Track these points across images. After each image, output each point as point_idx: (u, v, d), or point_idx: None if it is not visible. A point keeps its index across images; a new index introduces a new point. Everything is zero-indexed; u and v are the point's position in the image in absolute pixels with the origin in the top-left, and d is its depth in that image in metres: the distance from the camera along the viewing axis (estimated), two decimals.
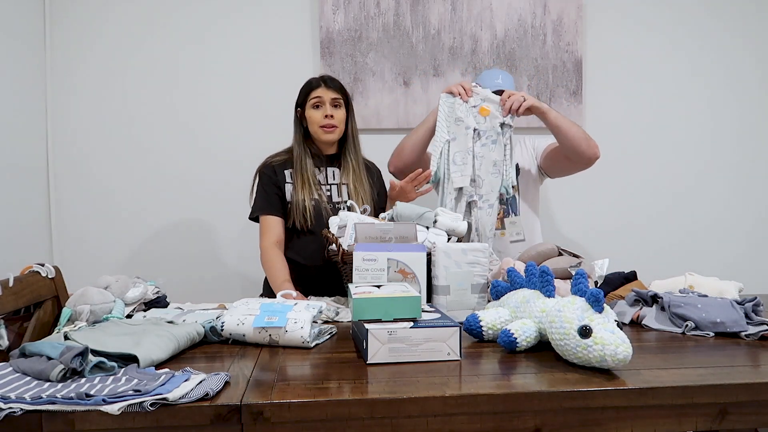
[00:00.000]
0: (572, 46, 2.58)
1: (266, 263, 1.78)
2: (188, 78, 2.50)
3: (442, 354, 1.11)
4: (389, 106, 2.54)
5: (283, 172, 1.84)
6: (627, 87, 2.66)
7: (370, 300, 1.14)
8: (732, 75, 2.69)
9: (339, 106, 1.83)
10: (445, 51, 2.54)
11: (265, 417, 0.90)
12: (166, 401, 0.89)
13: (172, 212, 2.53)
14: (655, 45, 2.65)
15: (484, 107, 1.87)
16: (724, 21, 2.67)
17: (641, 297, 1.44)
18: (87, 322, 1.29)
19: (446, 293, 1.41)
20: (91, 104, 2.47)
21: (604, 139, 2.65)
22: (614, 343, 0.99)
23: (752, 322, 1.31)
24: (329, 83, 1.83)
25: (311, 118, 1.82)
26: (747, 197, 2.74)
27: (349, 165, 1.87)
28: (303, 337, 1.20)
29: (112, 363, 1.02)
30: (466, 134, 1.86)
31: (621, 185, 2.68)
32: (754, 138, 2.72)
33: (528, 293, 1.23)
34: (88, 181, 2.49)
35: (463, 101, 1.87)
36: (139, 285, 1.48)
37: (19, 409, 0.87)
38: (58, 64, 2.45)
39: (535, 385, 0.97)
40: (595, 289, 1.05)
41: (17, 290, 1.27)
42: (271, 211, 1.82)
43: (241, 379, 1.02)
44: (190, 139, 2.51)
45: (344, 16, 2.49)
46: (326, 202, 1.82)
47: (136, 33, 2.47)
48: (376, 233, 1.52)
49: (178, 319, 1.32)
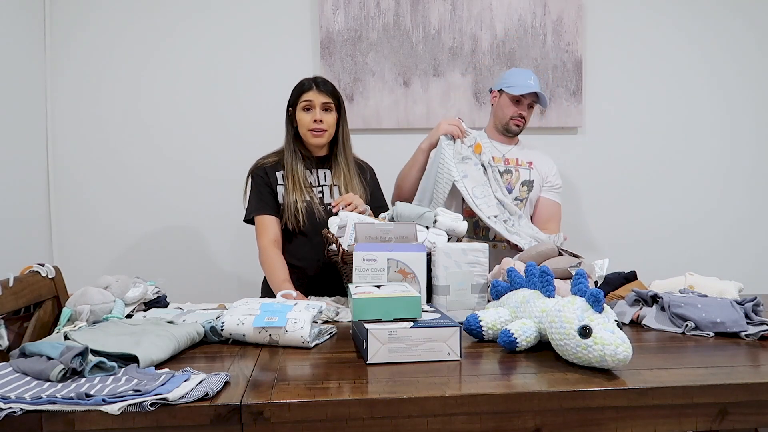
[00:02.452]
0: (572, 46, 2.58)
1: (265, 263, 1.77)
2: (188, 78, 2.50)
3: (442, 354, 1.11)
4: (389, 106, 2.54)
5: (274, 173, 1.84)
6: (627, 87, 2.66)
7: (370, 300, 1.14)
8: (732, 74, 2.69)
9: (330, 110, 1.82)
10: (445, 51, 2.54)
11: (265, 417, 0.90)
12: (166, 401, 0.89)
13: (172, 212, 2.53)
14: (655, 45, 2.65)
15: (478, 143, 2.02)
16: (724, 20, 2.67)
17: (641, 297, 1.44)
18: (87, 322, 1.29)
19: (446, 293, 1.41)
20: (91, 104, 2.47)
21: (604, 139, 2.66)
22: (614, 343, 0.99)
23: (752, 322, 1.31)
24: (321, 86, 1.81)
25: (301, 121, 1.82)
26: (747, 197, 2.74)
27: (340, 167, 1.86)
28: (303, 337, 1.20)
29: (112, 363, 1.01)
30: (477, 169, 1.98)
31: (620, 185, 2.68)
32: (754, 137, 2.72)
33: (528, 293, 1.23)
34: (88, 181, 2.49)
35: (462, 141, 2.00)
36: (139, 285, 1.48)
37: (19, 409, 0.87)
38: (58, 64, 2.45)
39: (535, 385, 0.97)
40: (595, 289, 1.05)
41: (17, 290, 1.28)
42: (266, 211, 1.81)
43: (241, 379, 1.02)
44: (191, 139, 2.51)
45: (344, 16, 2.49)
46: (318, 203, 1.82)
47: (136, 33, 2.47)
48: (376, 233, 1.52)
49: (178, 319, 1.32)
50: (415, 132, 2.56)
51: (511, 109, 2.09)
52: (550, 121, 2.59)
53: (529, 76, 2.08)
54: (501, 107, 2.11)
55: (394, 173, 2.15)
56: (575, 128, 2.64)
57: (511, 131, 2.12)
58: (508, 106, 2.09)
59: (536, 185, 2.14)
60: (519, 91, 2.04)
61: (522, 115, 2.10)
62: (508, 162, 2.12)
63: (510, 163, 2.12)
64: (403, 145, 2.55)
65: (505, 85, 2.09)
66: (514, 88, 2.06)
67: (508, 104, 2.09)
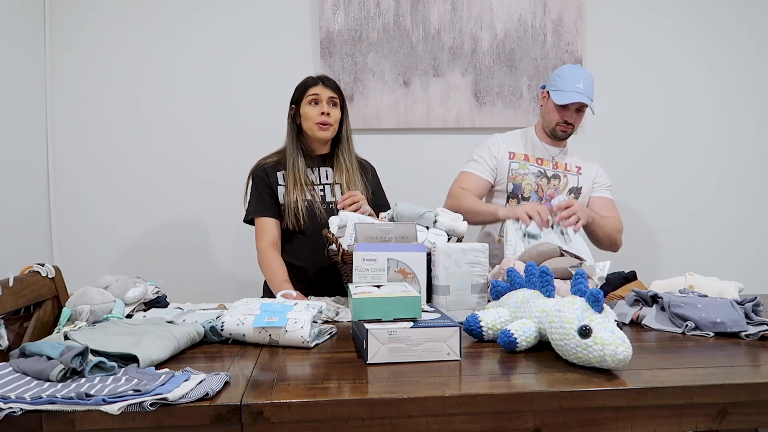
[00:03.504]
0: (572, 46, 2.58)
1: (264, 265, 1.77)
2: (189, 78, 2.50)
3: (442, 354, 1.11)
4: (389, 106, 2.54)
5: (275, 174, 1.83)
6: (627, 87, 2.66)
7: (370, 300, 1.14)
8: (731, 74, 2.69)
9: (335, 105, 1.83)
10: (445, 51, 2.54)
11: (265, 417, 0.90)
12: (166, 401, 0.89)
13: (172, 212, 2.53)
14: (654, 45, 2.65)
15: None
16: (724, 21, 2.67)
17: (641, 297, 1.44)
18: (87, 322, 1.29)
19: (446, 293, 1.41)
20: (91, 104, 2.48)
21: (604, 139, 2.66)
22: (614, 343, 0.99)
23: (752, 322, 1.31)
24: (326, 82, 1.83)
25: (307, 114, 1.81)
26: (747, 197, 2.74)
27: (342, 165, 1.86)
28: (303, 337, 1.20)
29: (112, 363, 1.01)
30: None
31: (620, 185, 2.67)
32: (753, 136, 2.72)
33: (528, 293, 1.23)
34: (88, 182, 2.49)
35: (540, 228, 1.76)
36: (139, 285, 1.48)
37: (19, 409, 0.87)
38: (58, 64, 2.45)
39: (535, 385, 0.97)
40: (594, 289, 1.05)
41: (17, 290, 1.27)
42: (265, 213, 1.81)
43: (241, 379, 1.02)
44: (191, 139, 2.52)
45: (344, 16, 2.49)
46: (319, 202, 1.81)
47: (136, 34, 2.47)
48: (376, 233, 1.52)
49: (178, 319, 1.32)
50: (415, 132, 2.57)
51: (557, 114, 1.97)
52: None
53: (578, 78, 1.93)
54: (548, 111, 2.00)
55: (394, 173, 2.15)
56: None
57: (558, 137, 2.02)
58: (554, 111, 1.97)
59: (584, 192, 2.05)
60: (563, 100, 1.92)
61: (568, 121, 1.98)
62: (557, 166, 2.04)
63: (559, 167, 2.04)
64: (403, 145, 2.57)
65: (553, 87, 1.97)
66: (559, 93, 1.93)
67: (554, 109, 1.97)
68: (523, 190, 2.02)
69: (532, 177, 2.02)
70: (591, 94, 1.95)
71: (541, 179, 2.03)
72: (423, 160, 2.60)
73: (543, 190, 2.02)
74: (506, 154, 2.05)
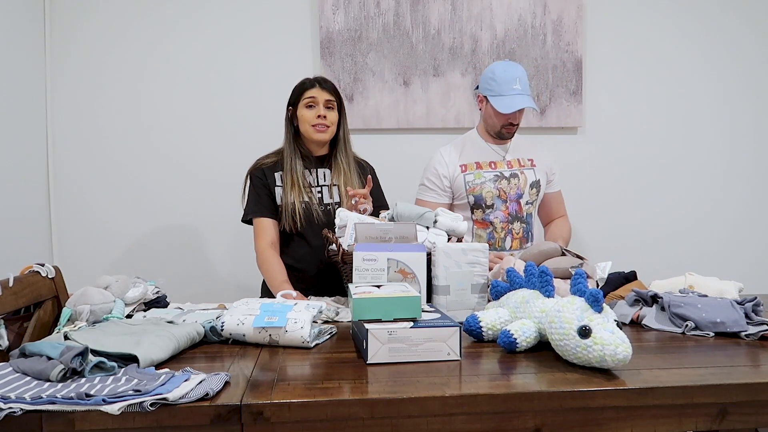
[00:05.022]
0: (572, 46, 2.58)
1: (263, 265, 1.77)
2: (188, 78, 2.50)
3: (442, 354, 1.11)
4: (389, 106, 2.53)
5: (273, 174, 1.83)
6: (627, 87, 2.66)
7: (370, 300, 1.14)
8: (732, 74, 2.69)
9: (332, 108, 1.82)
10: (445, 51, 2.54)
11: (265, 417, 0.90)
12: (166, 401, 0.89)
13: (172, 212, 2.53)
14: (654, 45, 2.65)
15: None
16: (724, 20, 2.67)
17: (641, 297, 1.44)
18: (87, 322, 1.29)
19: (446, 293, 1.41)
20: (91, 104, 2.47)
21: (604, 139, 2.66)
22: (614, 343, 0.99)
23: (752, 322, 1.31)
24: (323, 84, 1.82)
25: (303, 117, 1.81)
26: (747, 196, 2.74)
27: (339, 166, 1.85)
28: (303, 337, 1.20)
29: (112, 363, 1.01)
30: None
31: (620, 185, 2.68)
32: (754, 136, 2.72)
33: (527, 293, 1.23)
34: (88, 182, 2.49)
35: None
36: (139, 285, 1.48)
37: (19, 409, 0.87)
38: (58, 64, 2.45)
39: (535, 385, 0.97)
40: (594, 289, 1.05)
41: (17, 290, 1.28)
42: (263, 213, 1.81)
43: (241, 379, 1.02)
44: (191, 139, 2.51)
45: (344, 16, 2.49)
46: (317, 204, 1.81)
47: (136, 34, 2.47)
48: (376, 233, 1.52)
49: (178, 319, 1.32)
50: (415, 132, 2.57)
51: (501, 117, 1.93)
52: (550, 121, 2.59)
53: (513, 78, 1.88)
54: (490, 115, 1.96)
55: (394, 173, 2.15)
56: (575, 128, 2.64)
57: (504, 137, 2.00)
58: (497, 116, 1.93)
59: (542, 184, 2.05)
60: (507, 108, 1.87)
61: (513, 123, 1.95)
62: (510, 165, 2.01)
63: (513, 166, 2.01)
64: (403, 145, 2.57)
65: (490, 93, 1.92)
66: (499, 99, 1.88)
67: (496, 113, 1.92)
68: (485, 199, 1.97)
69: (490, 184, 1.97)
70: (528, 89, 1.92)
71: (500, 182, 1.98)
72: (423, 160, 2.59)
73: (505, 192, 1.98)
74: (457, 169, 1.99)
